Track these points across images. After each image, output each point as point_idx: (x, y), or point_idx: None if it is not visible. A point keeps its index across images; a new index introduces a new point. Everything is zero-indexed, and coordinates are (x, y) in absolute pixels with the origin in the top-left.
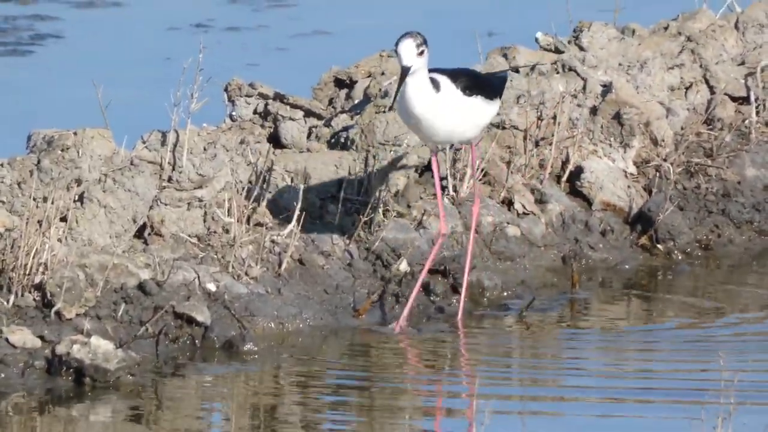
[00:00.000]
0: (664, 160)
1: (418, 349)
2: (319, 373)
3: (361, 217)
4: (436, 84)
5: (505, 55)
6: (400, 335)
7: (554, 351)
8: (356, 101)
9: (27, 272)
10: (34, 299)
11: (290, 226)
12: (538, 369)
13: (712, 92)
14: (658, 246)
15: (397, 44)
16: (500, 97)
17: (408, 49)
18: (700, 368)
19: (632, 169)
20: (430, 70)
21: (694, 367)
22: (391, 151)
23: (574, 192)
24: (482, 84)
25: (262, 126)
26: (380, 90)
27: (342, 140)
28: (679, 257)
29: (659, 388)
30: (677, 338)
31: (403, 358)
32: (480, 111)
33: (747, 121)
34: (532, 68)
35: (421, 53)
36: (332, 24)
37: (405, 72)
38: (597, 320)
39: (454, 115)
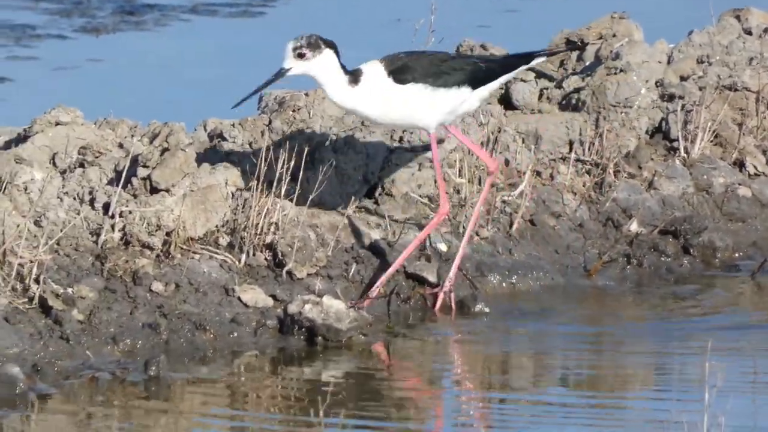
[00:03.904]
0: None
1: (646, 308)
2: (551, 333)
3: (592, 177)
4: (356, 76)
5: (737, 17)
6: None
7: None
8: (587, 63)
9: (258, 232)
10: (266, 259)
11: (521, 187)
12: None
13: None
14: None
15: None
16: (477, 84)
17: (287, 52)
18: None
19: None
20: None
21: None
22: (621, 112)
23: None
24: (431, 70)
25: None
26: (611, 52)
27: (573, 101)
28: None
29: None
30: None
31: (630, 317)
32: (419, 100)
33: None
34: (763, 29)
35: (301, 56)
36: None
37: (278, 72)
38: None
39: (380, 104)
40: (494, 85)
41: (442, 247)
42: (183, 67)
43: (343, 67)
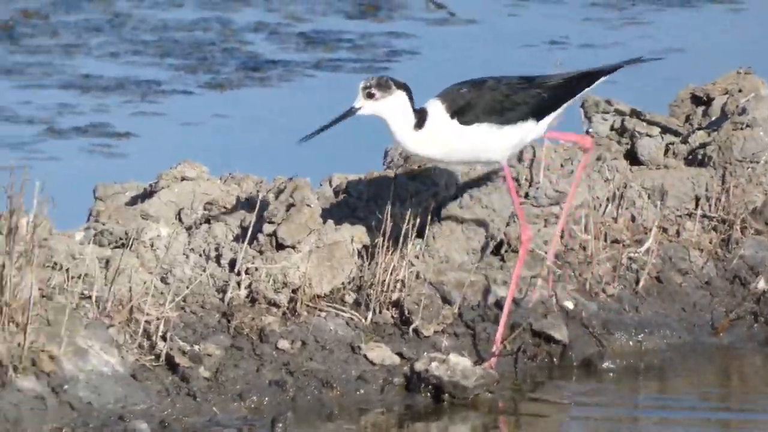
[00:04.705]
0: None
1: None
2: (678, 393)
3: (718, 234)
4: (422, 118)
5: None
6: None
7: None
8: (713, 118)
9: (385, 289)
10: (392, 316)
11: (648, 244)
12: None
13: None
14: None
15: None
16: (542, 115)
17: (357, 91)
18: None
19: None
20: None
21: None
22: (748, 167)
23: None
24: (495, 107)
25: (619, 142)
26: (737, 107)
27: (699, 157)
28: None
29: None
30: None
31: (758, 377)
32: (486, 139)
33: None
34: None
35: (370, 96)
36: (686, 41)
37: (348, 110)
38: None
39: (445, 147)
40: (559, 111)
41: (569, 304)
42: (307, 122)
43: (415, 111)
